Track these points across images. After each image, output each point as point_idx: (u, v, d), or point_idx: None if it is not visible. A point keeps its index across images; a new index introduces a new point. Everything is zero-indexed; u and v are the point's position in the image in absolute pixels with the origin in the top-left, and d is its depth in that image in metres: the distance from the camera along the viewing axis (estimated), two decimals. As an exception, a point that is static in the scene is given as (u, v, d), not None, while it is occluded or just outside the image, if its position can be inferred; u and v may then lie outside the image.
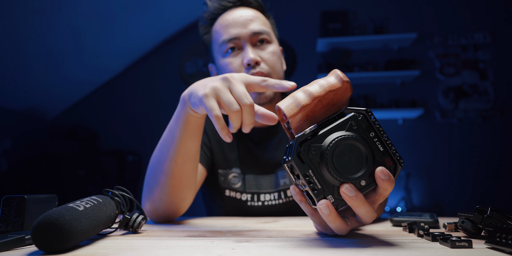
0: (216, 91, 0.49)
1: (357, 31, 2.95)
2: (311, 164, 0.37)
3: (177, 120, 0.60)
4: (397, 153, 0.39)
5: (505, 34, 2.81)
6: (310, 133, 0.38)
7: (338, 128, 0.38)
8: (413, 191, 2.76)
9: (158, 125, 3.19)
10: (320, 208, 0.37)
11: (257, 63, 0.76)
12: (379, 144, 0.39)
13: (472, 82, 2.82)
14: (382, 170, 0.37)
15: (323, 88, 0.41)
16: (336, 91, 0.41)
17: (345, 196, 0.37)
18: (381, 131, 0.39)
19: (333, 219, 0.38)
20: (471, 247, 0.36)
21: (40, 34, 2.32)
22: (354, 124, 0.38)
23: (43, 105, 3.07)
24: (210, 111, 0.48)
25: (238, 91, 0.49)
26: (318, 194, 0.37)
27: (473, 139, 2.76)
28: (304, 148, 0.37)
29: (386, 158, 0.39)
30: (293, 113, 0.40)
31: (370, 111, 0.39)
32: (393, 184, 0.38)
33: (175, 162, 0.62)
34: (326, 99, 0.41)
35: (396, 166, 0.39)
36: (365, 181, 0.38)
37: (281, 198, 0.84)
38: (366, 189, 0.38)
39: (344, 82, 0.41)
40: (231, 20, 0.79)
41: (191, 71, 3.21)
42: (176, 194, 0.65)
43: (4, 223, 0.44)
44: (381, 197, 0.39)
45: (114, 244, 0.40)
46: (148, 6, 2.66)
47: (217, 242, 0.42)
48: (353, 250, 0.36)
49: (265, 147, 0.88)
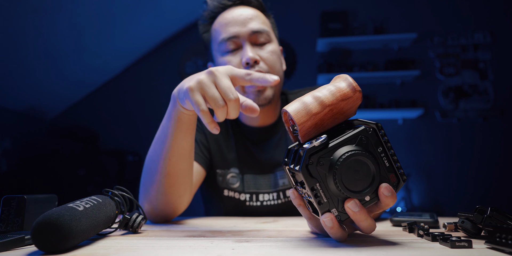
0: (201, 85, 0.49)
1: (357, 31, 2.95)
2: (319, 177, 0.37)
3: (169, 118, 0.60)
4: (401, 169, 0.39)
5: (505, 34, 2.81)
6: (320, 145, 0.37)
7: (348, 142, 0.38)
8: (413, 191, 2.76)
9: (158, 125, 3.17)
10: (324, 221, 0.37)
11: (256, 62, 0.76)
12: (385, 160, 0.38)
13: (472, 82, 2.82)
14: (386, 187, 0.37)
15: (335, 96, 0.40)
16: (348, 100, 0.40)
17: (349, 211, 0.37)
18: (388, 147, 0.39)
19: (335, 231, 0.38)
20: (471, 247, 0.36)
21: (40, 34, 2.32)
22: (364, 139, 0.38)
23: (43, 105, 3.07)
24: (196, 106, 0.49)
25: (223, 86, 0.49)
26: (323, 207, 0.37)
27: (473, 139, 2.76)
28: (313, 160, 0.37)
29: (390, 174, 0.39)
30: (303, 121, 0.39)
31: (380, 126, 0.39)
32: (395, 200, 0.38)
33: (169, 161, 0.62)
34: (337, 108, 0.40)
35: (399, 182, 0.39)
36: (369, 196, 0.38)
37: (280, 198, 0.84)
38: (369, 203, 0.38)
39: (357, 92, 0.40)
40: (231, 18, 0.79)
41: (191, 71, 3.21)
42: (173, 193, 0.65)
43: (4, 223, 0.44)
44: (382, 211, 0.40)
45: (114, 244, 0.40)
46: (148, 6, 2.66)
47: (217, 242, 0.42)
48: (353, 250, 0.36)
49: (264, 147, 0.88)
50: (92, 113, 3.29)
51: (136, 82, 3.31)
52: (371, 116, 2.87)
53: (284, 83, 3.13)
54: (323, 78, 2.84)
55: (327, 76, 2.81)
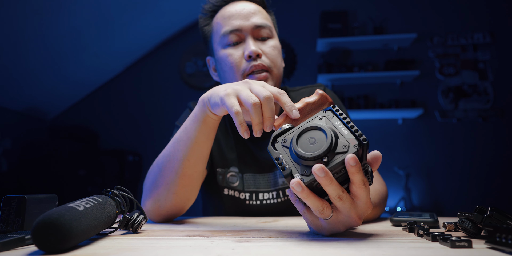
0: (236, 91, 0.52)
1: (357, 31, 2.95)
2: (282, 151, 0.44)
3: (194, 120, 0.62)
4: (361, 133, 0.42)
5: (505, 34, 2.81)
6: (285, 129, 0.46)
7: (307, 123, 0.45)
8: (413, 191, 2.77)
9: (158, 125, 3.20)
10: (293, 187, 0.40)
11: (258, 55, 0.76)
12: (343, 129, 0.43)
13: (471, 82, 2.82)
14: (353, 157, 0.39)
15: (303, 102, 0.53)
16: (314, 102, 0.53)
17: (316, 175, 0.39)
18: (345, 119, 0.44)
19: (307, 195, 0.40)
20: (471, 247, 0.36)
21: (40, 34, 2.32)
22: (321, 117, 0.45)
23: (44, 105, 3.07)
24: (231, 107, 0.51)
25: (257, 88, 0.51)
26: (286, 171, 0.42)
27: (473, 139, 2.76)
28: (278, 140, 0.45)
29: (350, 138, 0.42)
30: (279, 123, 0.51)
31: (335, 105, 0.45)
32: (360, 169, 0.40)
33: (188, 161, 0.64)
34: (305, 109, 0.52)
35: (361, 144, 0.41)
36: (327, 157, 0.41)
37: (279, 197, 0.84)
38: (329, 165, 0.40)
39: (320, 95, 0.53)
40: (234, 12, 0.80)
41: (191, 71, 3.21)
42: (183, 194, 0.66)
43: (4, 223, 0.44)
44: (358, 187, 0.41)
45: (114, 244, 0.40)
46: (148, 6, 2.66)
47: (217, 242, 0.42)
48: (353, 250, 0.36)
49: (264, 146, 0.88)
50: (92, 113, 3.29)
51: (136, 82, 3.31)
52: (371, 116, 2.87)
53: (284, 82, 3.14)
54: (323, 78, 2.84)
55: (327, 76, 2.81)
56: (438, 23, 2.90)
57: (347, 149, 0.41)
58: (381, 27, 2.90)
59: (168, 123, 2.92)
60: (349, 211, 0.42)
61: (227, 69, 0.79)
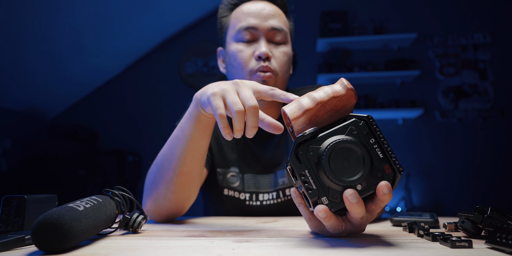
0: (224, 92, 0.51)
1: (357, 31, 2.95)
2: (308, 165, 0.38)
3: (189, 118, 0.62)
4: (397, 161, 0.38)
5: (505, 34, 2.81)
6: (310, 134, 0.39)
7: (338, 132, 0.39)
8: (413, 191, 2.76)
9: (158, 125, 3.20)
10: (317, 214, 0.37)
11: (268, 58, 0.77)
12: (378, 151, 0.38)
13: (472, 82, 2.82)
14: (387, 185, 0.37)
15: (327, 94, 0.42)
16: (340, 97, 0.41)
17: (346, 202, 0.37)
18: (381, 138, 0.39)
19: (329, 218, 0.38)
20: (471, 247, 0.36)
21: (39, 34, 2.32)
22: (354, 129, 0.39)
23: (43, 105, 3.07)
24: (215, 109, 0.50)
25: (244, 94, 0.50)
26: (312, 194, 0.37)
27: (473, 139, 2.76)
28: (302, 149, 0.38)
29: (385, 165, 0.38)
30: (296, 116, 0.41)
31: (372, 118, 0.40)
32: (391, 196, 0.38)
33: (184, 159, 0.63)
34: (329, 104, 0.41)
35: (395, 174, 0.39)
36: (361, 185, 0.37)
37: (279, 197, 0.84)
38: (362, 194, 0.38)
39: (348, 90, 0.41)
40: (254, 10, 0.80)
41: (191, 71, 3.21)
42: (182, 193, 0.66)
43: (4, 223, 0.44)
44: (378, 208, 0.40)
45: (114, 244, 0.40)
46: (148, 6, 2.66)
47: (217, 242, 0.42)
48: (353, 250, 0.36)
49: (265, 146, 0.88)
50: (92, 113, 3.29)
51: (136, 82, 3.31)
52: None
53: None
54: (323, 78, 2.84)
55: (327, 76, 2.81)
56: (438, 23, 2.90)
57: (381, 178, 0.38)
58: (381, 27, 2.90)
59: (168, 123, 2.92)
60: (361, 225, 0.42)
61: (235, 65, 0.79)
